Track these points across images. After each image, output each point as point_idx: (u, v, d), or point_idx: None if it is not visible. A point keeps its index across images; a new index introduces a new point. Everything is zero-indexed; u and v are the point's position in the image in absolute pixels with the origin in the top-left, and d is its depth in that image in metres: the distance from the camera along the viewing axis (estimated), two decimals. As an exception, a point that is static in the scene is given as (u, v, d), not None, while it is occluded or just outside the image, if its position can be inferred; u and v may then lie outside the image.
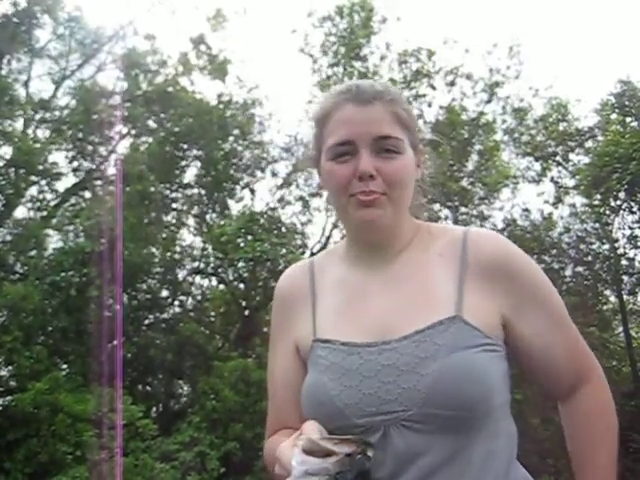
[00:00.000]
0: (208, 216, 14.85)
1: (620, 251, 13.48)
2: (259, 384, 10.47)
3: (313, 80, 14.79)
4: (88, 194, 14.06)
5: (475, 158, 14.81)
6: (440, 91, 14.61)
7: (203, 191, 14.59)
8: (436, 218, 1.39)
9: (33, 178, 12.78)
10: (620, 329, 14.40)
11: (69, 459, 9.24)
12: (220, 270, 14.13)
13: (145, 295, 13.29)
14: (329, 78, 14.56)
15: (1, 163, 12.42)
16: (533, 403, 10.26)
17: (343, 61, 14.47)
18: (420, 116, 13.46)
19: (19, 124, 12.90)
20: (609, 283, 14.09)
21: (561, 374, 1.22)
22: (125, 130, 14.11)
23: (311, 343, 1.23)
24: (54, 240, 12.66)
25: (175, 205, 14.63)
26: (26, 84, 13.65)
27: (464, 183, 14.46)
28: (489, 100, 14.75)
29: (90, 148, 13.78)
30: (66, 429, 9.42)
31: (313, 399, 1.18)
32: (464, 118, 14.59)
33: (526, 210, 14.73)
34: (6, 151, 12.41)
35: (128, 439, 9.45)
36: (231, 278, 14.20)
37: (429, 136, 1.35)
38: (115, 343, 10.21)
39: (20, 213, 13.11)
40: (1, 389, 10.98)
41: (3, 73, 12.85)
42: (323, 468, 0.96)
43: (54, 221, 13.13)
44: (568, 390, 1.22)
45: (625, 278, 13.64)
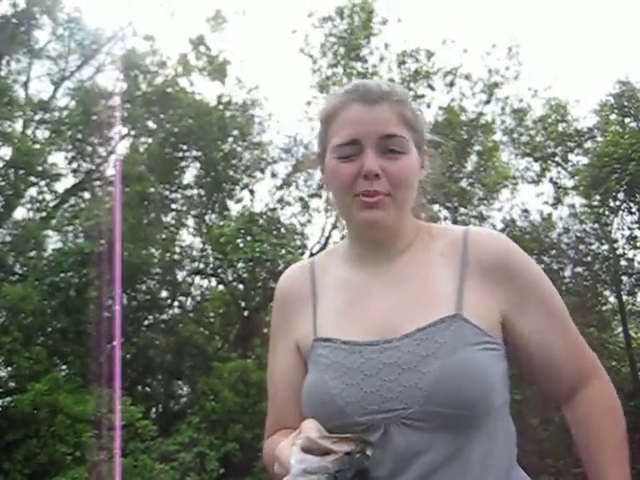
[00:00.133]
0: (207, 217, 14.85)
1: (619, 251, 13.48)
2: (259, 385, 10.47)
3: (313, 81, 14.80)
4: (87, 195, 14.07)
5: (474, 159, 14.81)
6: (439, 92, 14.63)
7: (202, 192, 14.59)
8: (435, 219, 1.39)
9: (32, 179, 12.78)
10: (619, 329, 14.40)
11: (68, 460, 9.24)
12: (219, 271, 14.13)
13: (144, 296, 13.29)
14: (328, 79, 14.56)
15: (0, 164, 12.42)
16: (532, 403, 10.27)
17: (343, 62, 14.47)
18: (419, 117, 13.42)
19: (18, 125, 12.91)
20: (608, 283, 14.10)
21: (561, 374, 1.21)
22: (124, 131, 14.13)
23: (312, 342, 1.23)
24: (53, 241, 12.68)
25: (174, 206, 14.63)
26: (25, 85, 13.65)
27: (463, 184, 14.46)
28: (488, 101, 14.76)
29: (89, 149, 13.78)
30: (65, 430, 9.42)
31: (314, 398, 1.18)
32: (463, 119, 14.59)
33: (525, 211, 14.75)
34: (5, 152, 12.43)
35: (127, 440, 9.44)
36: (230, 279, 14.20)
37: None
38: (114, 344, 10.19)
39: (19, 214, 13.14)
40: (0, 390, 10.98)
41: (2, 74, 12.85)
42: (322, 467, 0.96)
43: (53, 222, 13.12)
44: (569, 391, 1.22)
45: (624, 278, 13.65)
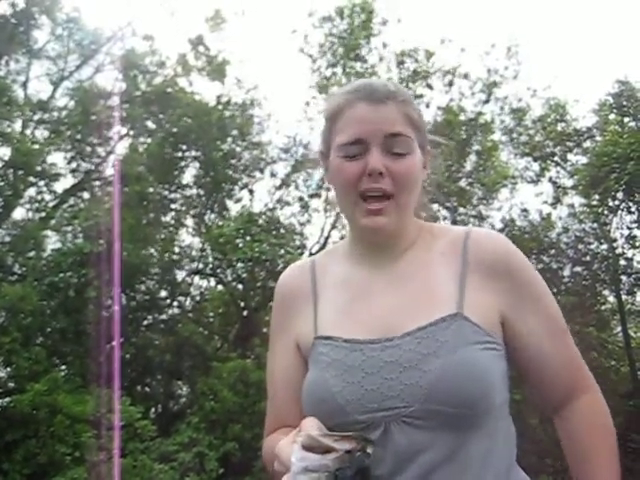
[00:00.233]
0: (207, 217, 14.85)
1: (618, 251, 13.49)
2: (258, 385, 10.47)
3: (312, 81, 14.80)
4: (87, 195, 14.07)
5: (473, 158, 14.81)
6: (438, 91, 14.64)
7: (202, 192, 14.59)
8: (435, 218, 1.39)
9: (31, 179, 12.77)
10: (618, 329, 14.41)
11: (68, 460, 9.23)
12: (219, 271, 14.13)
13: (144, 296, 13.29)
14: (328, 79, 14.57)
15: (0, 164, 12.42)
16: (532, 403, 10.26)
17: (342, 62, 14.47)
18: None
19: (17, 125, 12.89)
20: (607, 283, 14.10)
21: (553, 383, 1.22)
22: (124, 131, 14.11)
23: (312, 341, 1.23)
24: (52, 241, 12.67)
25: (174, 206, 14.62)
26: (24, 85, 13.65)
27: (462, 183, 14.47)
28: (487, 100, 14.76)
29: (89, 149, 13.77)
30: (65, 430, 9.41)
31: (314, 396, 1.18)
32: (462, 118, 14.59)
33: (524, 210, 14.76)
34: (4, 152, 12.41)
35: (127, 440, 9.44)
36: (230, 279, 14.20)
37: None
38: (114, 344, 10.19)
39: (18, 214, 13.14)
40: (0, 390, 10.97)
41: (1, 74, 12.84)
42: (323, 465, 0.95)
43: (53, 222, 13.11)
44: (561, 400, 1.22)
45: (623, 278, 13.65)
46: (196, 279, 14.87)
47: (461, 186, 14.28)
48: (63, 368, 11.48)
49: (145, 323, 13.46)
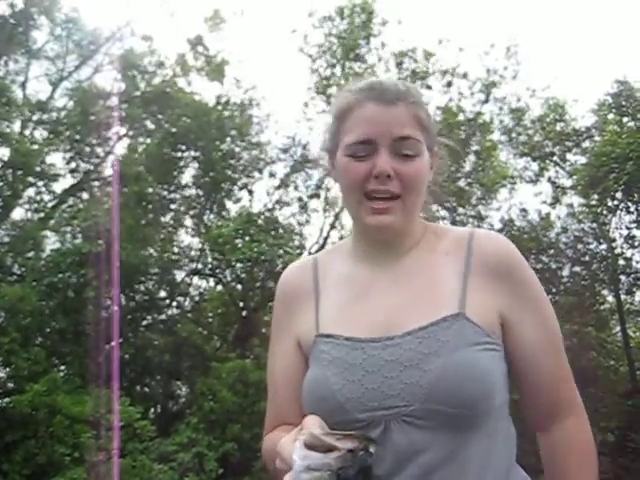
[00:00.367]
0: (206, 217, 14.84)
1: (617, 251, 13.49)
2: (257, 385, 10.47)
3: (311, 81, 14.80)
4: (86, 195, 14.05)
5: (472, 158, 14.81)
6: (437, 92, 14.64)
7: (201, 192, 14.58)
8: (434, 219, 1.40)
9: (30, 179, 12.76)
10: (617, 329, 14.41)
11: (67, 460, 9.23)
12: (218, 271, 14.12)
13: (143, 296, 13.28)
14: (328, 79, 14.56)
15: (-1, 165, 12.42)
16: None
17: (341, 62, 14.47)
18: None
19: (16, 125, 12.88)
20: (606, 283, 14.11)
21: (543, 394, 1.21)
22: (123, 131, 14.11)
23: (314, 338, 1.23)
24: (51, 241, 12.66)
25: (173, 206, 14.61)
26: (23, 85, 13.64)
27: (461, 183, 14.46)
28: (486, 100, 14.76)
29: (87, 149, 13.76)
30: (64, 430, 9.41)
31: (315, 394, 1.18)
32: (461, 118, 14.59)
33: (523, 210, 14.76)
34: (3, 153, 12.40)
35: (126, 440, 9.43)
36: (229, 279, 14.20)
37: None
38: (113, 344, 10.18)
39: (17, 214, 13.13)
40: (-1, 391, 10.97)
41: (0, 74, 12.83)
42: (325, 463, 0.95)
43: (52, 222, 13.11)
44: (547, 417, 1.22)
45: (622, 278, 13.66)
46: (195, 279, 14.88)
47: (460, 186, 14.27)
48: (62, 368, 11.47)
49: (144, 323, 13.45)
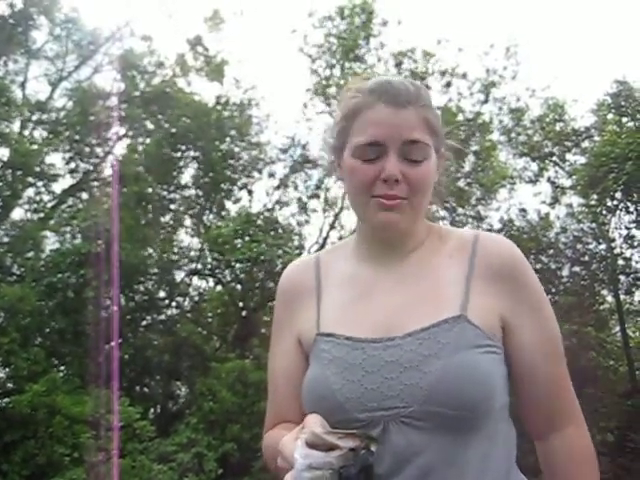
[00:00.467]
0: (205, 217, 14.85)
1: (617, 251, 13.49)
2: (257, 385, 10.48)
3: (311, 81, 14.80)
4: (85, 195, 14.06)
5: (472, 159, 14.82)
6: (436, 92, 14.64)
7: (200, 192, 14.59)
8: (434, 218, 1.40)
9: (30, 180, 12.77)
10: (617, 329, 14.41)
11: (66, 461, 9.23)
12: (217, 271, 14.12)
13: (142, 296, 13.28)
14: (327, 79, 14.57)
15: (-2, 165, 12.42)
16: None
17: (340, 62, 14.47)
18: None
19: (16, 126, 12.88)
20: (606, 283, 14.11)
21: (542, 402, 1.20)
22: (122, 131, 14.11)
23: (315, 337, 1.23)
24: (51, 241, 12.67)
25: (172, 206, 14.62)
26: (23, 85, 13.64)
27: (461, 184, 14.47)
28: (486, 100, 14.77)
29: (87, 149, 13.77)
30: (63, 431, 9.41)
31: (314, 393, 1.18)
32: (460, 118, 14.60)
33: (523, 210, 14.76)
34: (3, 153, 12.41)
35: (125, 440, 9.43)
36: (228, 279, 14.20)
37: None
38: (112, 344, 10.18)
39: (17, 215, 13.13)
40: (-2, 391, 10.97)
41: (0, 75, 12.84)
42: (327, 462, 0.95)
43: (51, 222, 13.11)
44: (546, 426, 1.21)
45: (622, 278, 13.66)
46: (195, 279, 14.88)
47: (460, 186, 14.27)
48: (62, 369, 11.47)
49: (144, 323, 13.45)
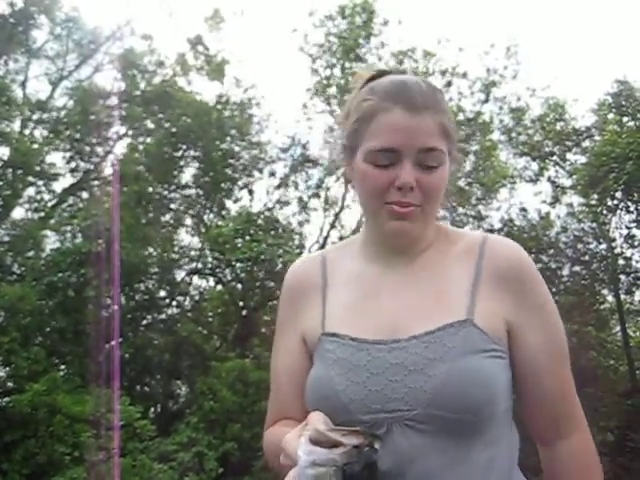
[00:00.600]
0: (206, 216, 14.85)
1: (617, 250, 13.49)
2: (257, 384, 10.48)
3: (311, 81, 14.79)
4: (85, 194, 14.06)
5: (472, 158, 14.81)
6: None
7: (201, 191, 14.58)
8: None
9: (30, 179, 12.78)
10: (617, 328, 14.41)
11: (67, 460, 9.23)
12: (218, 270, 14.12)
13: (143, 295, 13.28)
14: (328, 79, 14.56)
15: (-1, 164, 12.42)
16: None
17: (340, 62, 14.46)
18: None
19: (16, 125, 12.89)
20: (606, 282, 14.11)
21: (546, 408, 1.19)
22: (123, 130, 14.11)
23: (319, 336, 1.22)
24: (51, 241, 12.67)
25: (173, 205, 14.62)
26: (23, 85, 13.64)
27: (461, 183, 14.46)
28: (486, 100, 14.76)
29: (87, 149, 13.76)
30: (64, 430, 9.41)
31: (318, 393, 1.17)
32: (461, 118, 14.59)
33: (523, 210, 14.75)
34: (3, 152, 12.42)
35: (126, 440, 9.42)
36: (229, 278, 14.20)
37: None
38: (113, 343, 10.17)
39: (17, 214, 13.14)
40: (-1, 390, 10.97)
41: (0, 74, 12.84)
42: (330, 459, 0.95)
43: (51, 222, 13.11)
44: (550, 433, 1.20)
45: (622, 277, 13.66)
46: (195, 279, 14.88)
47: (460, 186, 14.27)
48: (62, 368, 11.48)
49: (144, 323, 13.45)
